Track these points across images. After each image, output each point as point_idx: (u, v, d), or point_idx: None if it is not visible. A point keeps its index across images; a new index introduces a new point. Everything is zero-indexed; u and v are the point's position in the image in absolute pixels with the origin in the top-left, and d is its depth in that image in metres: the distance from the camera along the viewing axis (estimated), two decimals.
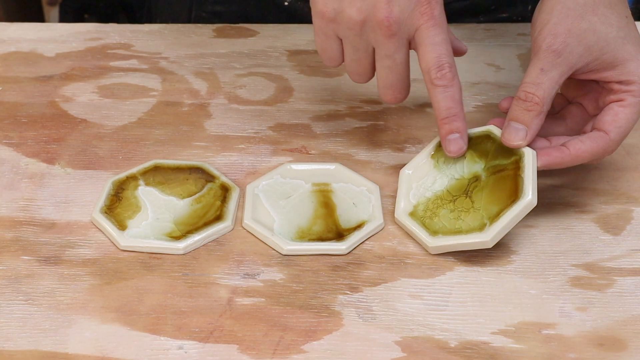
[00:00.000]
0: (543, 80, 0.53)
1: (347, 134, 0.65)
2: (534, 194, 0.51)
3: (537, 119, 0.53)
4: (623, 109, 0.54)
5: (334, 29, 0.54)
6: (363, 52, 0.55)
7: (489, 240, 0.51)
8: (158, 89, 0.70)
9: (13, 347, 0.47)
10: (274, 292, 0.51)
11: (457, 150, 0.55)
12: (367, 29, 0.53)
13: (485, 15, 0.83)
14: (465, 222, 0.53)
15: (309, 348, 0.47)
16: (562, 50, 0.53)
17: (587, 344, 0.47)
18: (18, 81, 0.71)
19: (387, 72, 0.55)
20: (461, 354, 0.47)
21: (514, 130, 0.54)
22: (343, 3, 0.53)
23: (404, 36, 0.53)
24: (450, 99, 0.54)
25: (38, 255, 0.53)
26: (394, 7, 0.52)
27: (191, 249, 0.54)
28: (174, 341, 0.47)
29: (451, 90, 0.53)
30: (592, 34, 0.53)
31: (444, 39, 0.53)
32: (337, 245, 0.53)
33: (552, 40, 0.53)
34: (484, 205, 0.53)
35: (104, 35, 0.78)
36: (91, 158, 0.62)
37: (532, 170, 0.52)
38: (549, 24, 0.53)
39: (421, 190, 0.56)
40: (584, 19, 0.53)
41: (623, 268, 0.53)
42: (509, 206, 0.51)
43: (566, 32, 0.53)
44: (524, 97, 0.53)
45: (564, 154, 0.54)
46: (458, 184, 0.55)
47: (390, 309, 0.50)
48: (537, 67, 0.53)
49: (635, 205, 0.58)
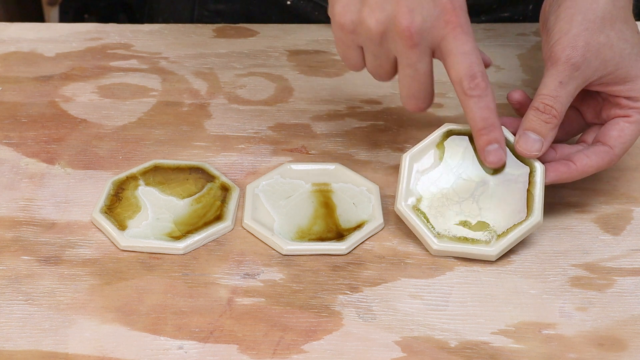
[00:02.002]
0: (561, 93, 0.53)
1: (347, 134, 0.65)
2: (541, 213, 0.53)
3: (553, 131, 0.53)
4: (629, 125, 0.54)
5: (354, 39, 0.53)
6: (385, 60, 0.54)
7: (494, 255, 0.52)
8: (158, 89, 0.70)
9: (13, 347, 0.47)
10: (274, 292, 0.51)
11: (497, 161, 0.53)
12: (387, 38, 0.52)
13: (487, 14, 0.83)
14: (472, 229, 0.53)
15: (309, 348, 0.47)
16: (580, 64, 0.52)
17: (587, 344, 0.47)
18: (18, 81, 0.71)
19: (409, 82, 0.53)
20: (461, 354, 0.47)
21: (531, 141, 0.53)
22: (362, 14, 0.52)
23: (427, 45, 0.52)
24: (486, 109, 0.52)
25: (38, 255, 0.53)
26: (416, 15, 0.50)
27: (191, 249, 0.54)
28: (174, 341, 0.47)
29: (486, 100, 0.52)
30: (609, 49, 0.53)
31: (474, 47, 0.52)
32: (337, 245, 0.53)
33: (571, 52, 0.52)
34: (491, 217, 0.53)
35: (104, 35, 0.78)
36: (91, 158, 0.62)
37: (541, 188, 0.53)
38: (568, 35, 0.53)
39: (426, 183, 0.55)
40: (603, 32, 0.53)
41: (623, 268, 0.53)
42: (517, 223, 0.52)
43: (585, 45, 0.52)
44: (543, 109, 0.53)
45: (570, 169, 0.54)
46: (465, 185, 0.54)
47: (390, 309, 0.50)
48: (556, 80, 0.53)
49: (635, 205, 0.58)
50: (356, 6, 0.52)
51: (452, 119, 0.67)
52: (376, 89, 0.71)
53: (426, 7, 0.51)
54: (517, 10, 0.83)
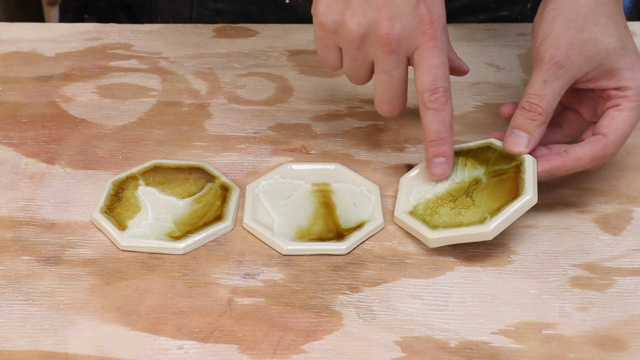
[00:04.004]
0: (546, 91, 0.54)
1: (347, 134, 0.65)
2: (534, 193, 0.52)
3: (539, 128, 0.54)
4: (619, 112, 0.55)
5: (334, 39, 0.55)
6: (362, 63, 0.55)
7: (489, 231, 0.51)
8: (158, 89, 0.70)
9: (13, 347, 0.47)
10: (274, 292, 0.51)
11: (441, 174, 0.55)
12: (367, 43, 0.53)
13: (485, 13, 0.83)
14: (466, 216, 0.53)
15: (309, 348, 0.47)
16: (564, 62, 0.53)
17: (587, 344, 0.47)
18: (18, 81, 0.71)
19: (384, 87, 0.55)
20: (461, 354, 0.47)
21: (517, 138, 0.54)
22: (344, 16, 0.53)
23: (404, 53, 0.53)
24: (441, 123, 0.54)
25: (38, 255, 0.53)
26: (396, 23, 0.52)
27: (191, 249, 0.54)
28: (174, 341, 0.47)
29: (442, 114, 0.54)
30: (593, 45, 0.54)
31: (442, 62, 0.53)
32: (337, 245, 0.53)
33: (554, 52, 0.53)
34: (484, 203, 0.53)
35: (104, 35, 0.78)
36: (91, 158, 0.62)
37: (533, 174, 0.53)
38: (551, 35, 0.54)
39: (421, 193, 0.57)
40: (585, 30, 0.54)
41: (623, 268, 0.53)
42: (509, 202, 0.52)
43: (568, 43, 0.53)
44: (528, 107, 0.54)
45: (564, 158, 0.55)
46: (459, 187, 0.56)
47: (390, 309, 0.50)
48: (540, 79, 0.54)
49: (635, 205, 0.58)
50: (339, 7, 0.53)
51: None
52: None
53: (406, 16, 0.52)
54: (516, 9, 0.83)
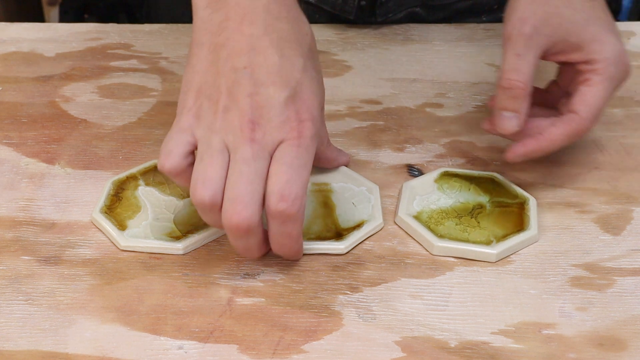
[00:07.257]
0: (521, 64, 0.54)
1: (347, 134, 0.65)
2: (537, 231, 0.54)
3: (524, 102, 0.54)
4: (589, 88, 0.55)
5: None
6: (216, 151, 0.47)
7: (495, 253, 0.52)
8: (158, 89, 0.70)
9: (13, 347, 0.47)
10: (274, 292, 0.51)
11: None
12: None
13: (488, 14, 0.83)
14: (472, 235, 0.54)
15: (309, 348, 0.47)
16: (532, 33, 0.54)
17: (587, 344, 0.47)
18: (18, 81, 0.71)
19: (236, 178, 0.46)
20: (461, 354, 0.47)
21: (506, 119, 0.55)
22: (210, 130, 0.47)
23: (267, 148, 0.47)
24: (287, 237, 0.48)
25: (38, 255, 0.53)
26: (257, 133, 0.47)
27: (191, 249, 0.54)
28: (174, 341, 0.47)
29: (289, 227, 0.47)
30: (558, 17, 0.55)
31: (303, 164, 0.47)
32: (336, 245, 0.53)
33: (521, 25, 0.54)
34: (489, 227, 0.55)
35: (104, 35, 0.78)
36: (91, 158, 0.62)
37: (535, 215, 0.55)
38: (516, 11, 0.55)
39: (425, 202, 0.57)
40: (548, 3, 0.55)
41: (623, 268, 0.53)
42: (515, 233, 0.54)
43: (532, 15, 0.54)
44: (508, 84, 0.54)
45: (539, 140, 0.55)
46: (463, 206, 0.57)
47: (390, 309, 0.50)
48: (512, 54, 0.54)
49: (635, 205, 0.58)
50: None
51: (452, 119, 0.67)
52: (376, 89, 0.71)
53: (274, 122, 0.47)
54: None
